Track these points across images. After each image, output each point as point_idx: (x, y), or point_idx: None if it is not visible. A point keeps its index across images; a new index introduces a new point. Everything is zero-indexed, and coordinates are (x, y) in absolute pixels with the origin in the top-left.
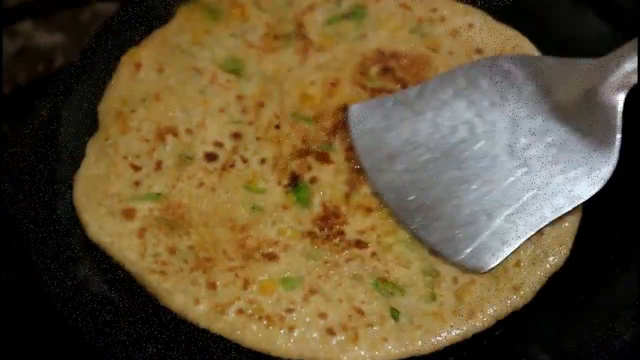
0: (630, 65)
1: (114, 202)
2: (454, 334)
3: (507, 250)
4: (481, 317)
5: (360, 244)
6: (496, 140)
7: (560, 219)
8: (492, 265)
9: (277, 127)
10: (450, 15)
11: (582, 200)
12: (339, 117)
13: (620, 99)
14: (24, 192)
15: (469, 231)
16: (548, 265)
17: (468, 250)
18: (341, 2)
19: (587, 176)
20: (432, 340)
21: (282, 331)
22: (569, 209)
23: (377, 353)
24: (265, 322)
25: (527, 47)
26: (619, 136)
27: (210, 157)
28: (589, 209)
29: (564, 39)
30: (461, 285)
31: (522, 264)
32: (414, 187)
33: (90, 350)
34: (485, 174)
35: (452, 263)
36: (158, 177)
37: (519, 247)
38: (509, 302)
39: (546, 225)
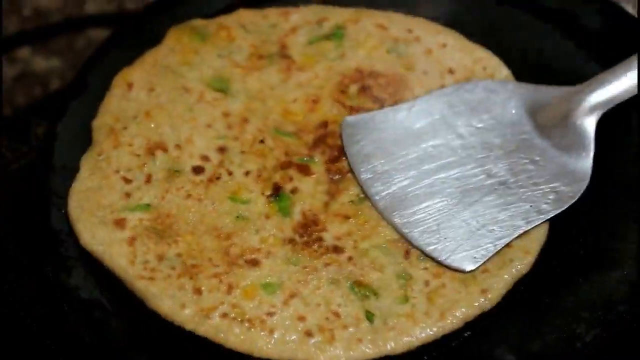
0: (603, 93)
1: (106, 212)
2: (425, 335)
3: (486, 255)
4: (451, 319)
5: (337, 250)
6: (478, 155)
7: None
8: (472, 269)
9: (261, 141)
10: (424, 35)
11: (553, 214)
12: (319, 132)
13: (593, 122)
14: (21, 204)
15: (452, 237)
16: (514, 271)
17: (450, 253)
18: (322, 24)
19: (560, 192)
20: (404, 340)
21: (262, 333)
22: (541, 221)
23: (352, 353)
24: (247, 325)
25: (497, 66)
26: (591, 156)
27: (198, 170)
28: (554, 219)
29: (533, 59)
30: (432, 288)
31: (489, 271)
32: (402, 195)
33: (81, 349)
34: (466, 187)
35: (437, 262)
36: (148, 189)
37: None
38: (477, 304)
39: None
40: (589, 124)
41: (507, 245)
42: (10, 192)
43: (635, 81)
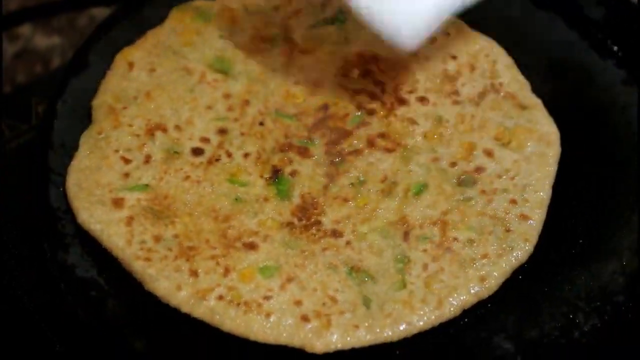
0: None
1: (104, 192)
2: (422, 322)
3: (429, 31)
4: (448, 306)
5: (336, 234)
6: None
7: (526, 217)
8: (415, 44)
9: (261, 123)
10: None
11: None
12: (320, 115)
13: None
14: (19, 182)
15: (396, 16)
16: (513, 259)
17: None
18: (325, 8)
19: None
20: (401, 327)
21: (259, 317)
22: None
23: (348, 339)
24: (243, 308)
25: (500, 54)
26: None
27: (197, 151)
28: (553, 208)
29: (536, 49)
30: (430, 273)
31: (489, 256)
32: None
33: (77, 329)
34: None
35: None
36: (147, 170)
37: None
38: (474, 292)
39: (511, 216)
40: None
41: (507, 232)
42: (8, 170)
43: None
